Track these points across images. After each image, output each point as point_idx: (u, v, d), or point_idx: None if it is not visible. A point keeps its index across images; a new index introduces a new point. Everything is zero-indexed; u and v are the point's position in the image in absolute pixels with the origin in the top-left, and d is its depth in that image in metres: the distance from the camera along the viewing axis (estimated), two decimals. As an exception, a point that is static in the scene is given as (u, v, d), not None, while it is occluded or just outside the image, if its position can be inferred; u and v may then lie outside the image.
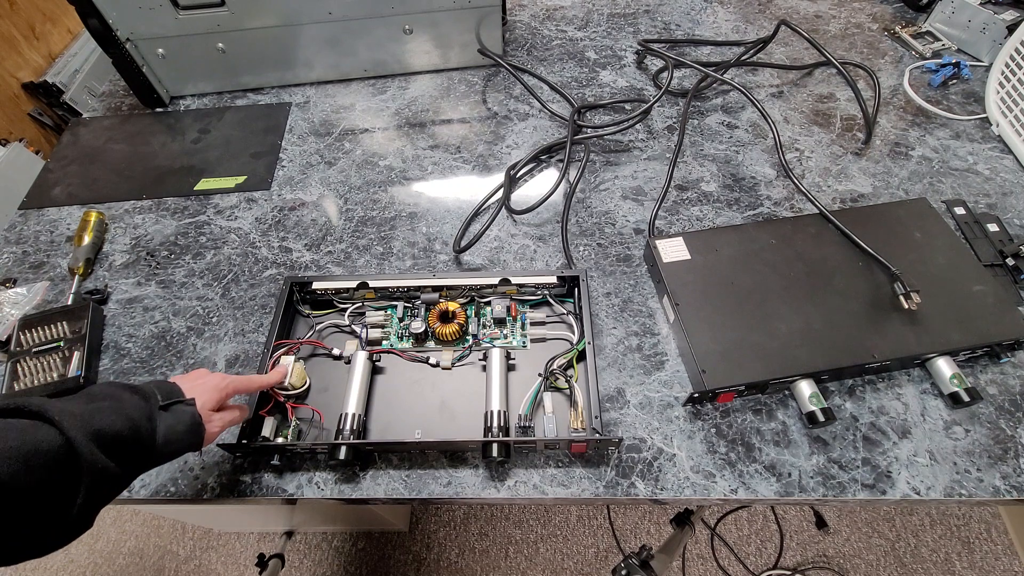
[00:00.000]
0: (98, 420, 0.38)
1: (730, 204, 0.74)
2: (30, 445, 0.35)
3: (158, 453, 0.42)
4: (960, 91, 0.86)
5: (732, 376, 0.54)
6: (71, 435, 0.36)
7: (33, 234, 0.78)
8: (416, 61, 0.95)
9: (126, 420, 0.40)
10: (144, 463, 0.42)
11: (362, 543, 1.31)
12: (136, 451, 0.40)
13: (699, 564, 1.24)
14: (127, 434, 0.39)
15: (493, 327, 0.63)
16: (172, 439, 0.42)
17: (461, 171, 0.82)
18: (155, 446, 0.41)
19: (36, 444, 0.35)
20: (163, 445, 0.42)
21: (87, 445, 0.37)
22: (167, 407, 0.43)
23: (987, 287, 0.59)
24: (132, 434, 0.40)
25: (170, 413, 0.43)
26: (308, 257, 0.72)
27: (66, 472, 0.36)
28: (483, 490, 0.53)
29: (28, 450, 0.35)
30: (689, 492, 0.52)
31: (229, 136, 0.89)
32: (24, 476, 0.34)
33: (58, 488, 0.36)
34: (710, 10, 1.04)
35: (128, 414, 0.40)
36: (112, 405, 0.40)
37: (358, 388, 0.56)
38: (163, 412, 0.43)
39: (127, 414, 0.40)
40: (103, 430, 0.38)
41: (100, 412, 0.39)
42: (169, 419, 0.43)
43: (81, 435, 0.37)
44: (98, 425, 0.38)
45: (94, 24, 0.81)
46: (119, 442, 0.39)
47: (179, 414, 0.43)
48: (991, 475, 0.51)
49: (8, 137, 1.33)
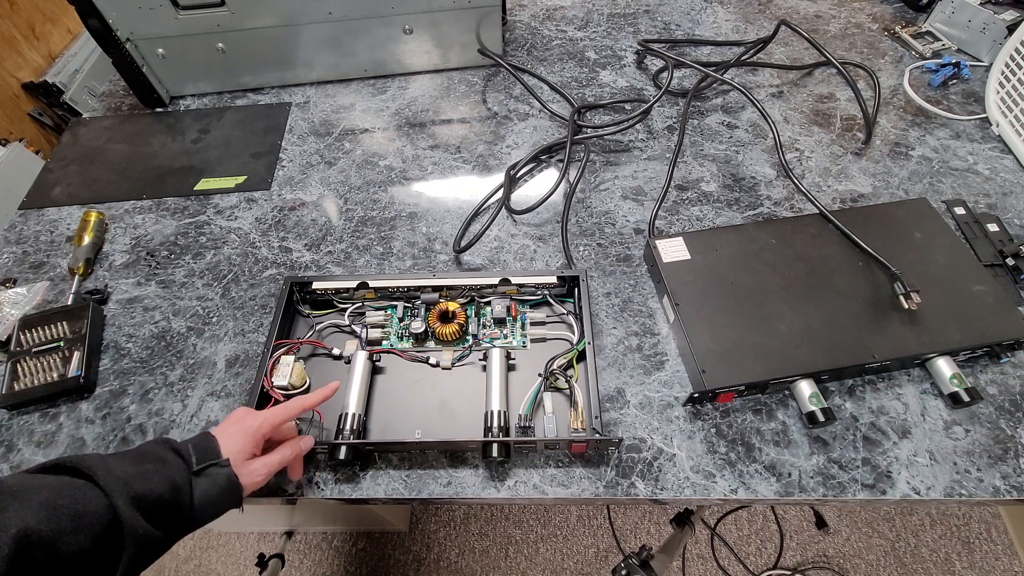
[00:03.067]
0: (140, 484, 0.38)
1: (730, 204, 0.74)
2: (80, 505, 0.35)
3: (196, 518, 0.41)
4: (960, 91, 0.86)
5: (732, 376, 0.54)
6: (115, 501, 0.36)
7: (33, 234, 0.78)
8: (416, 61, 0.95)
9: (169, 484, 0.40)
10: (184, 527, 0.41)
11: (362, 543, 1.31)
12: (176, 516, 0.40)
13: (699, 564, 1.24)
14: (168, 498, 0.39)
15: (493, 327, 0.63)
16: (208, 503, 0.42)
17: (461, 171, 0.82)
18: (193, 511, 0.41)
19: (85, 505, 0.36)
20: (200, 509, 0.41)
21: (129, 511, 0.37)
22: (201, 471, 0.42)
23: (987, 287, 0.59)
24: (173, 498, 0.40)
25: (205, 477, 0.42)
26: (308, 257, 0.72)
27: (111, 538, 0.36)
28: (483, 490, 0.53)
29: (78, 510, 0.35)
30: (689, 492, 0.52)
31: (229, 136, 0.89)
32: (72, 536, 0.34)
33: (103, 552, 0.36)
34: (710, 10, 1.04)
35: (172, 478, 0.40)
36: (157, 468, 0.40)
37: (358, 388, 0.56)
38: (197, 477, 0.42)
39: (171, 478, 0.40)
40: (145, 495, 0.38)
41: (144, 476, 0.39)
42: (204, 483, 0.42)
43: (123, 501, 0.37)
44: (140, 490, 0.38)
45: (94, 24, 0.81)
46: (160, 506, 0.39)
47: (214, 477, 0.42)
48: (991, 475, 0.52)
49: (8, 137, 1.33)
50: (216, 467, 0.43)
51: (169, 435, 0.58)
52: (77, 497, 0.36)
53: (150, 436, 0.58)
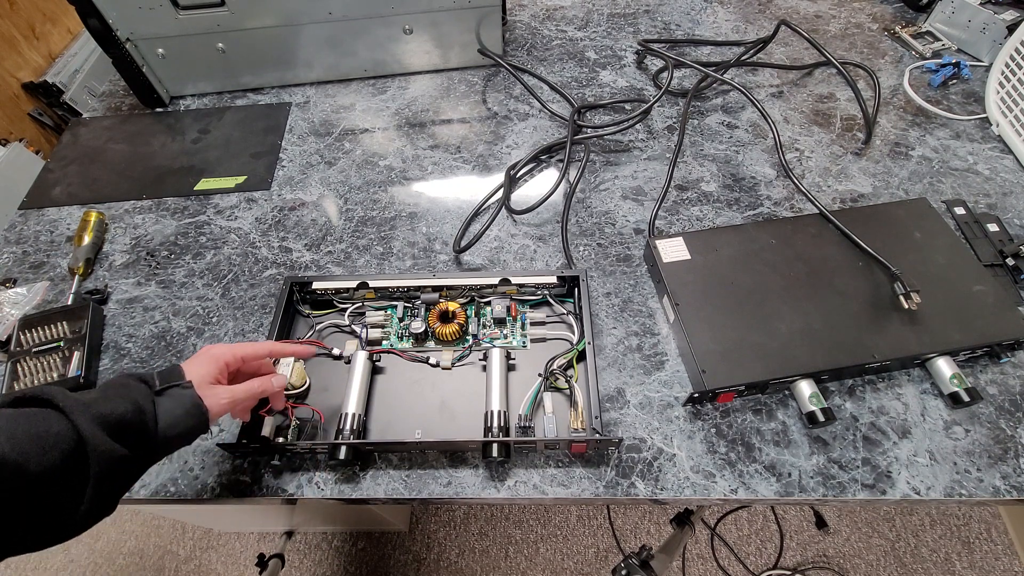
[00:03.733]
0: (102, 406, 0.39)
1: (730, 204, 0.74)
2: (41, 429, 0.36)
3: (163, 438, 0.42)
4: (960, 91, 0.86)
5: (732, 376, 0.54)
6: (76, 420, 0.37)
7: (33, 234, 0.78)
8: (416, 61, 0.95)
9: (131, 404, 0.40)
10: (152, 449, 0.42)
11: (362, 543, 1.31)
12: (142, 435, 0.41)
13: (699, 564, 1.24)
14: (131, 417, 0.40)
15: (493, 327, 0.63)
16: (173, 423, 0.42)
17: (461, 171, 0.82)
18: (158, 430, 0.41)
19: (47, 428, 0.36)
20: (166, 429, 0.42)
21: (91, 429, 0.37)
22: (163, 391, 0.43)
23: (987, 287, 0.59)
24: (137, 417, 0.40)
25: (167, 397, 0.43)
26: (308, 257, 0.72)
27: (76, 457, 0.37)
28: (483, 490, 0.53)
29: (39, 433, 0.36)
30: (689, 492, 0.52)
31: (229, 136, 0.89)
32: (38, 459, 0.35)
33: (71, 473, 0.37)
34: (710, 10, 1.04)
35: (134, 399, 0.41)
36: (119, 392, 0.41)
37: (358, 388, 0.56)
38: (160, 397, 0.43)
39: (133, 399, 0.41)
40: (107, 415, 0.39)
41: (106, 399, 0.40)
42: (167, 403, 0.43)
43: (85, 420, 0.37)
44: (102, 410, 0.39)
45: (94, 24, 0.81)
46: (124, 425, 0.39)
47: (177, 397, 0.43)
48: (991, 475, 0.52)
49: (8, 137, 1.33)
50: (179, 388, 0.44)
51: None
52: (38, 422, 0.37)
53: (150, 436, 0.58)
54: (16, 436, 0.35)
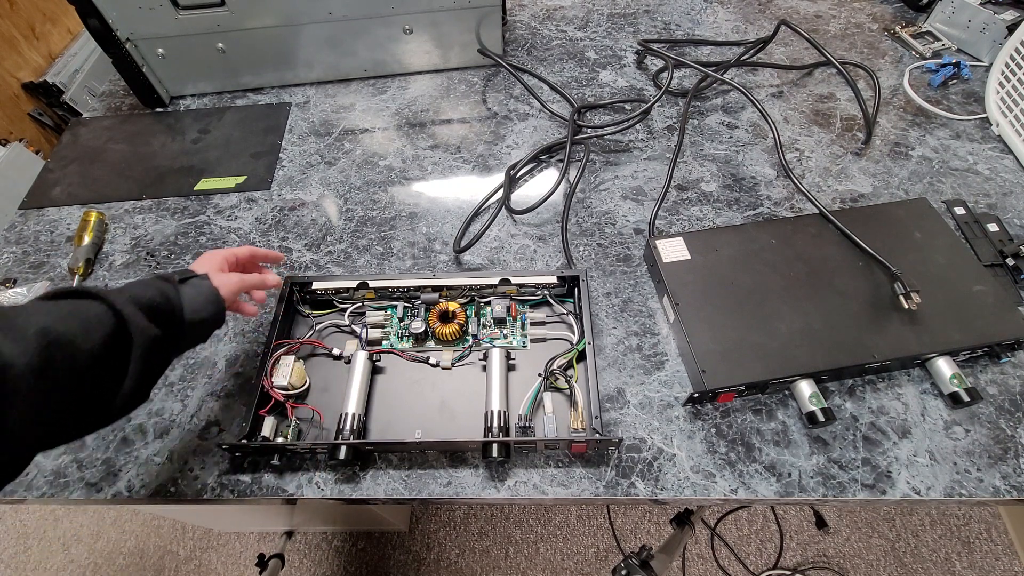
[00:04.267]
0: (135, 291, 0.43)
1: (730, 204, 0.74)
2: (83, 313, 0.39)
3: (189, 322, 0.46)
4: (960, 91, 0.86)
5: (732, 376, 0.54)
6: (114, 303, 0.41)
7: (33, 234, 0.78)
8: (416, 61, 0.95)
9: (159, 292, 0.45)
10: (180, 332, 0.46)
11: (362, 543, 1.31)
12: (171, 319, 0.45)
13: (699, 564, 1.24)
14: (160, 301, 0.44)
15: (493, 327, 0.63)
16: (196, 308, 0.47)
17: (461, 171, 0.82)
18: (184, 316, 0.46)
19: (88, 312, 0.39)
20: (191, 314, 0.46)
21: (129, 309, 0.41)
22: (183, 281, 0.48)
23: (987, 287, 0.59)
24: (165, 303, 0.44)
25: (188, 286, 0.48)
26: (308, 257, 0.72)
27: (119, 336, 0.40)
28: (483, 490, 0.53)
29: (83, 316, 0.39)
30: (689, 492, 0.52)
31: (229, 136, 0.89)
32: (84, 339, 0.38)
33: (113, 353, 0.40)
34: (710, 10, 1.04)
35: (158, 287, 0.45)
36: (145, 284, 0.45)
37: (358, 388, 0.56)
38: (182, 286, 0.47)
39: (157, 287, 0.45)
40: (141, 298, 0.43)
41: (135, 287, 0.44)
42: (189, 291, 0.47)
43: (122, 302, 0.41)
44: (136, 294, 0.43)
45: (94, 24, 0.81)
46: (155, 308, 0.43)
47: (196, 286, 0.48)
48: (991, 475, 0.52)
49: (8, 137, 1.33)
50: (196, 279, 0.49)
51: (169, 435, 0.58)
52: (82, 308, 0.40)
53: (150, 436, 0.58)
54: (64, 319, 0.37)
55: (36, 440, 0.37)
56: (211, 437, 0.58)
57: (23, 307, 0.38)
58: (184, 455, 0.57)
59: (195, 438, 0.58)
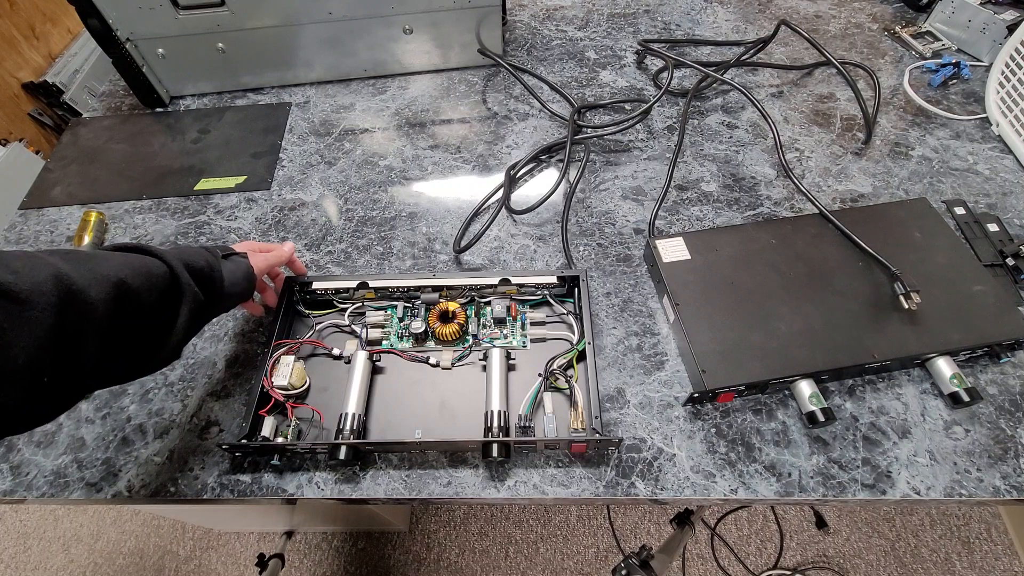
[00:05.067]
0: (187, 256, 0.48)
1: (730, 204, 0.74)
2: (146, 267, 0.44)
3: (226, 293, 0.51)
4: (960, 91, 0.86)
5: (732, 376, 0.54)
6: (172, 263, 0.46)
7: (33, 234, 0.78)
8: (416, 61, 0.95)
9: (205, 261, 0.49)
10: (217, 300, 0.50)
11: (362, 543, 1.31)
12: (212, 287, 0.49)
13: (699, 564, 1.24)
14: (207, 271, 0.49)
15: (493, 327, 0.63)
16: (234, 282, 0.52)
17: (461, 171, 0.82)
18: (224, 287, 0.50)
19: (150, 268, 0.44)
20: (229, 287, 0.51)
21: (183, 272, 0.46)
22: (226, 257, 0.53)
23: (987, 287, 0.59)
24: (209, 271, 0.49)
25: (230, 262, 0.53)
26: (308, 257, 0.72)
27: (172, 292, 0.45)
28: (483, 490, 0.53)
29: (149, 271, 0.44)
30: (689, 492, 0.52)
31: (229, 136, 0.89)
32: (147, 292, 0.43)
33: (168, 303, 0.45)
34: (710, 10, 1.04)
35: (207, 258, 0.50)
36: (193, 249, 0.50)
37: (358, 388, 0.56)
38: (224, 261, 0.52)
39: (207, 258, 0.50)
40: (191, 264, 0.48)
41: (187, 253, 0.49)
42: (230, 266, 0.52)
43: (178, 265, 0.46)
44: (188, 259, 0.48)
45: (94, 24, 0.81)
46: (202, 275, 0.48)
47: (236, 263, 0.53)
48: (991, 475, 0.52)
49: (8, 137, 1.34)
50: (236, 256, 0.54)
51: (169, 435, 0.58)
52: (145, 263, 0.44)
53: (150, 436, 0.58)
54: (135, 273, 0.42)
55: (100, 376, 0.42)
56: (211, 437, 0.58)
57: (103, 255, 0.43)
58: (184, 455, 0.57)
59: (195, 438, 0.58)
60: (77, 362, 0.38)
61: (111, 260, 0.42)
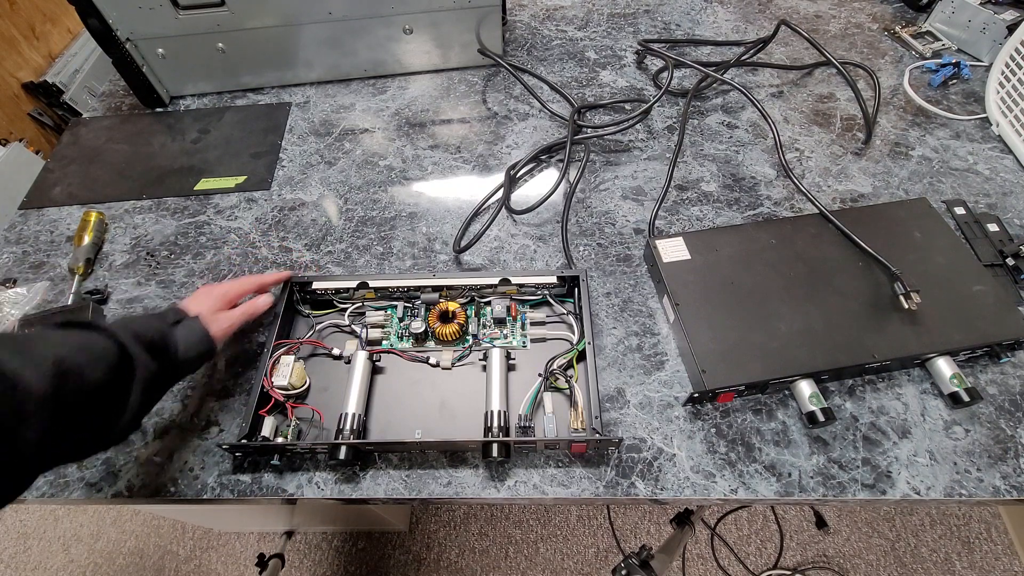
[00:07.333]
0: (136, 327, 0.46)
1: (730, 204, 0.74)
2: (89, 343, 0.42)
3: (182, 359, 0.49)
4: (960, 91, 0.86)
5: (732, 376, 0.54)
6: (121, 337, 0.44)
7: (33, 234, 0.78)
8: (416, 61, 0.95)
9: (156, 330, 0.48)
10: (174, 368, 0.49)
11: (362, 543, 1.31)
12: (166, 355, 0.48)
13: (699, 564, 1.24)
14: (158, 340, 0.47)
15: (493, 327, 0.63)
16: (188, 347, 0.50)
17: (461, 171, 0.82)
18: (179, 353, 0.49)
19: (97, 345, 0.42)
20: (184, 352, 0.49)
21: (133, 344, 0.44)
22: (176, 324, 0.51)
23: (987, 287, 0.59)
24: (162, 340, 0.48)
25: (181, 327, 0.51)
26: (308, 257, 0.72)
27: (122, 367, 0.43)
28: (483, 490, 0.53)
29: (93, 348, 0.42)
30: (689, 492, 0.52)
31: (229, 136, 0.89)
32: (91, 369, 0.41)
33: (115, 384, 0.43)
34: (710, 10, 1.04)
35: (155, 326, 0.48)
36: (142, 319, 0.49)
37: (358, 388, 0.56)
38: (175, 328, 0.50)
39: (156, 327, 0.49)
40: (141, 334, 0.46)
41: (136, 323, 0.47)
42: (182, 331, 0.50)
43: (126, 337, 0.44)
44: (137, 329, 0.46)
45: (94, 24, 0.81)
46: (153, 345, 0.46)
47: (189, 328, 0.51)
48: (991, 475, 0.52)
49: (8, 137, 1.34)
50: (188, 320, 0.52)
51: (169, 435, 0.58)
52: (89, 339, 0.43)
53: (150, 436, 0.58)
54: (76, 351, 0.40)
55: (44, 460, 0.40)
56: (211, 437, 0.58)
57: (40, 334, 0.42)
58: (184, 455, 0.57)
59: (195, 438, 0.58)
60: (14, 449, 0.36)
61: (49, 339, 0.41)
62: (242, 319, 0.57)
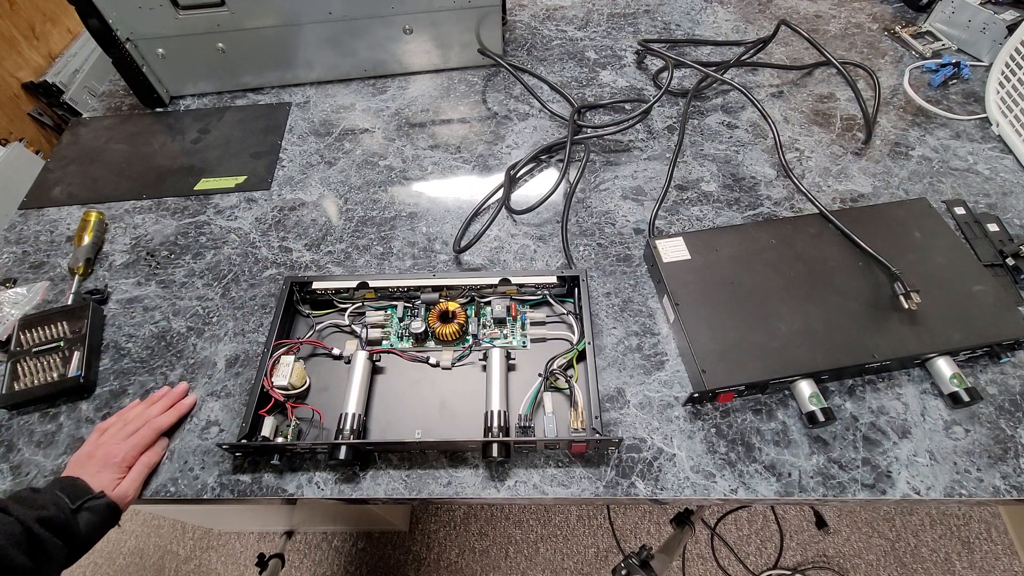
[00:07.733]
0: (40, 510, 0.46)
1: (730, 204, 0.74)
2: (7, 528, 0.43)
3: (88, 540, 0.49)
4: (960, 91, 0.86)
5: (732, 376, 0.54)
6: (28, 523, 0.45)
7: (33, 234, 0.78)
8: (416, 61, 0.95)
9: (57, 511, 0.47)
10: (80, 547, 0.49)
11: (362, 543, 1.31)
12: (72, 538, 0.48)
13: (699, 564, 1.24)
14: (61, 522, 0.47)
15: (493, 327, 0.63)
16: (94, 528, 0.49)
17: (461, 171, 0.82)
18: (83, 536, 0.48)
19: (10, 528, 0.44)
20: (89, 533, 0.49)
21: (40, 530, 0.45)
22: (79, 508, 0.49)
23: (987, 287, 0.59)
24: (64, 523, 0.47)
25: (86, 511, 0.49)
26: (308, 257, 0.72)
27: (30, 554, 0.44)
28: (483, 490, 0.53)
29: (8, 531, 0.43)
30: (689, 492, 0.52)
31: (229, 136, 0.89)
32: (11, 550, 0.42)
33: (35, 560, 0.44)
34: (710, 10, 1.04)
35: (58, 506, 0.48)
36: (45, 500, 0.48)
37: (358, 388, 0.56)
38: (78, 513, 0.49)
39: (57, 507, 0.48)
40: (47, 519, 0.46)
41: (37, 505, 0.47)
42: (87, 516, 0.49)
43: (32, 521, 0.45)
44: (43, 515, 0.46)
45: (94, 24, 0.81)
46: (57, 527, 0.47)
47: (94, 510, 0.49)
48: (991, 475, 0.52)
49: (8, 137, 1.33)
50: (93, 500, 0.50)
51: (169, 435, 0.58)
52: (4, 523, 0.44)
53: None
54: None
55: None
56: (211, 437, 0.58)
57: None
58: (184, 455, 0.57)
59: (195, 438, 0.58)
60: None
61: None
62: (146, 471, 0.55)
